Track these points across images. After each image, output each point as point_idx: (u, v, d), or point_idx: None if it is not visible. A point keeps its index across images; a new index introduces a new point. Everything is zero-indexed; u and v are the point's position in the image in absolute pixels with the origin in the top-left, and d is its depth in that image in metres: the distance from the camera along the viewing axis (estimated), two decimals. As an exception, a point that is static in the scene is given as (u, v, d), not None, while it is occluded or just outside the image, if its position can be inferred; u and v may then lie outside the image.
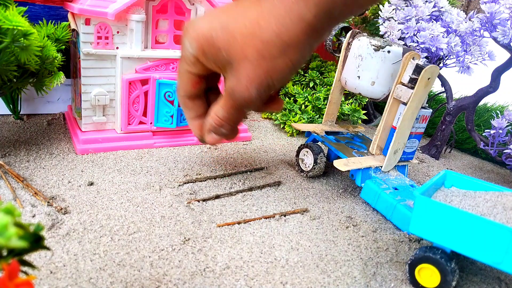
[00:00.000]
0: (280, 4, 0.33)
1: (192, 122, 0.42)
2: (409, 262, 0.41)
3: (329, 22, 0.34)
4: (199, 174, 0.57)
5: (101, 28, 0.55)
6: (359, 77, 0.57)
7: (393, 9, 0.74)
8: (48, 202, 0.44)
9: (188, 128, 0.66)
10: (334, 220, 0.51)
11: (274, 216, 0.49)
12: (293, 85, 0.85)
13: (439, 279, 0.39)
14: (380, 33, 0.73)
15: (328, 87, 0.83)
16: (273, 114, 0.83)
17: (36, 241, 0.21)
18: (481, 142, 0.74)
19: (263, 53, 0.35)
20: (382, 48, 0.55)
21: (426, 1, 0.73)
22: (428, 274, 0.40)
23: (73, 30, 0.58)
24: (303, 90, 0.83)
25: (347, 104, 0.84)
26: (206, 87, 0.41)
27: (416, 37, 0.70)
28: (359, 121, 0.84)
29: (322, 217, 0.51)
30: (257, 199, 0.53)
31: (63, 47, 0.57)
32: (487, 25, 0.67)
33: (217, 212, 0.48)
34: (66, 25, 0.58)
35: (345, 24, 0.64)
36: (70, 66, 0.65)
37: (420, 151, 0.82)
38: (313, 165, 0.59)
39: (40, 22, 0.57)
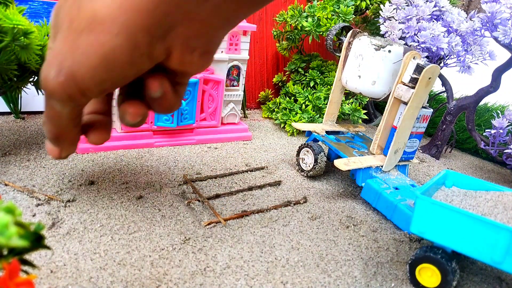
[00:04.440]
0: None
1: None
2: (409, 261, 0.41)
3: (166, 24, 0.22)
4: (199, 174, 0.57)
5: (102, 27, 0.55)
6: (359, 76, 0.57)
7: (394, 9, 0.74)
8: (49, 200, 0.44)
9: (188, 128, 0.66)
10: (335, 219, 0.51)
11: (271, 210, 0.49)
12: (293, 85, 0.85)
13: (439, 278, 0.39)
14: (381, 32, 0.73)
15: (328, 86, 0.83)
16: (273, 113, 0.83)
17: (36, 240, 0.21)
18: (482, 142, 0.74)
19: (73, 24, 0.25)
20: (383, 47, 0.55)
21: (427, 1, 0.73)
22: (429, 274, 0.39)
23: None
24: (303, 89, 0.83)
25: (348, 104, 0.84)
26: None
27: (417, 36, 0.70)
28: (360, 121, 0.84)
29: (322, 216, 0.51)
30: (257, 198, 0.53)
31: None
32: (488, 24, 0.67)
33: (217, 211, 0.48)
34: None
35: (346, 24, 0.64)
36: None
37: (421, 151, 0.82)
38: (314, 165, 0.59)
39: (40, 20, 0.57)
